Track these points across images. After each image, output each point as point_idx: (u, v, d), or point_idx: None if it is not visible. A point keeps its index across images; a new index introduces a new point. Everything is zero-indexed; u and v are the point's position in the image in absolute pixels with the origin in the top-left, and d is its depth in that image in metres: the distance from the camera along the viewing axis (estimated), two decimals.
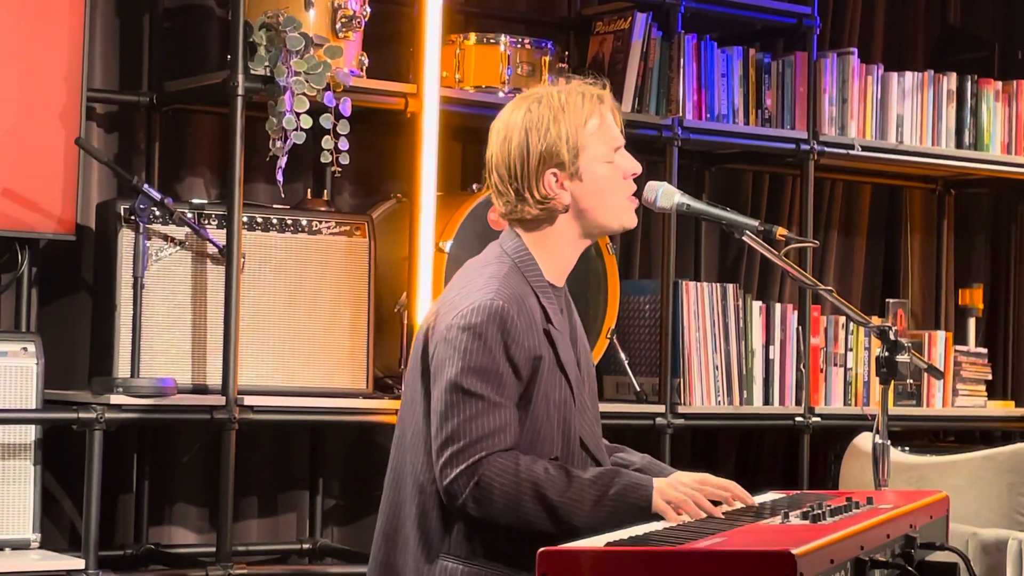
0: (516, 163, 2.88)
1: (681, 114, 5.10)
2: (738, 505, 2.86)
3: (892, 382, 3.18)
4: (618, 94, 5.02)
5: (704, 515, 2.76)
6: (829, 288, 3.19)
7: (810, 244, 3.44)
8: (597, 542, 2.42)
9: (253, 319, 4.43)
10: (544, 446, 2.83)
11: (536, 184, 2.88)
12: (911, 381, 5.64)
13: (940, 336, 5.80)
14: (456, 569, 2.79)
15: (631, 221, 2.97)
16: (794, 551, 2.19)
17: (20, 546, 4.11)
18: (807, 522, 2.58)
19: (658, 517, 2.75)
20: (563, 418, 2.86)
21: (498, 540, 2.79)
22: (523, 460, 2.76)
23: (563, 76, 3.05)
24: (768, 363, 5.30)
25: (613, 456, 3.07)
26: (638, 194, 3.03)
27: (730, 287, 5.24)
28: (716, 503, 2.84)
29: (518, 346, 2.78)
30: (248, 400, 4.33)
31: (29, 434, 4.15)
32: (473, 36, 4.82)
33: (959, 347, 5.88)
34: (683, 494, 2.77)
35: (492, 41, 4.80)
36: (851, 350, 5.53)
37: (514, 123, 2.90)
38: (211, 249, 4.39)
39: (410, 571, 2.83)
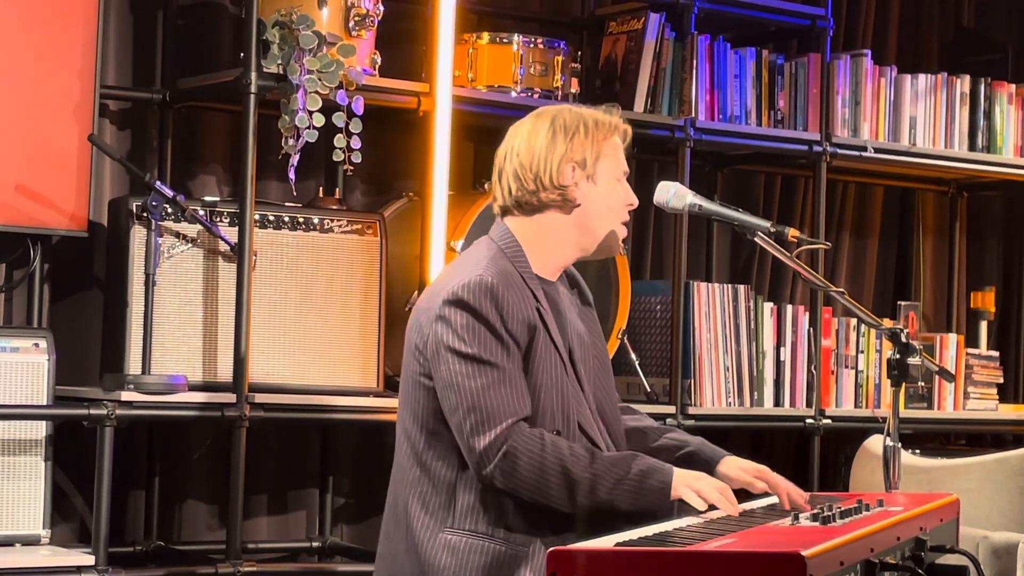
0: (541, 152, 2.99)
1: (694, 115, 5.09)
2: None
3: (903, 384, 3.18)
4: (631, 95, 5.02)
5: (730, 507, 2.80)
6: (841, 290, 3.19)
7: (822, 246, 3.44)
8: (607, 542, 2.42)
9: (264, 317, 4.43)
10: (545, 418, 2.91)
11: (556, 171, 2.98)
12: (922, 384, 5.63)
13: (952, 339, 5.79)
14: (459, 541, 2.86)
15: (615, 251, 3.10)
16: (804, 553, 2.19)
17: (30, 542, 4.12)
18: (817, 524, 2.58)
19: (680, 503, 2.78)
20: (561, 396, 2.93)
21: (501, 514, 2.85)
22: (547, 435, 2.84)
23: (575, 103, 3.17)
24: (779, 365, 5.29)
25: (664, 437, 3.13)
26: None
27: (741, 288, 5.23)
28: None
29: (512, 317, 2.87)
30: (258, 398, 4.33)
31: (40, 430, 4.15)
32: (486, 35, 4.82)
33: (971, 350, 5.87)
34: (709, 485, 2.83)
35: (505, 41, 4.80)
36: (862, 352, 5.52)
37: (543, 123, 3.03)
38: (223, 247, 4.39)
39: (414, 548, 2.89)
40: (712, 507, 2.83)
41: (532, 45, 4.81)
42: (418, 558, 2.86)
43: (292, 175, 4.39)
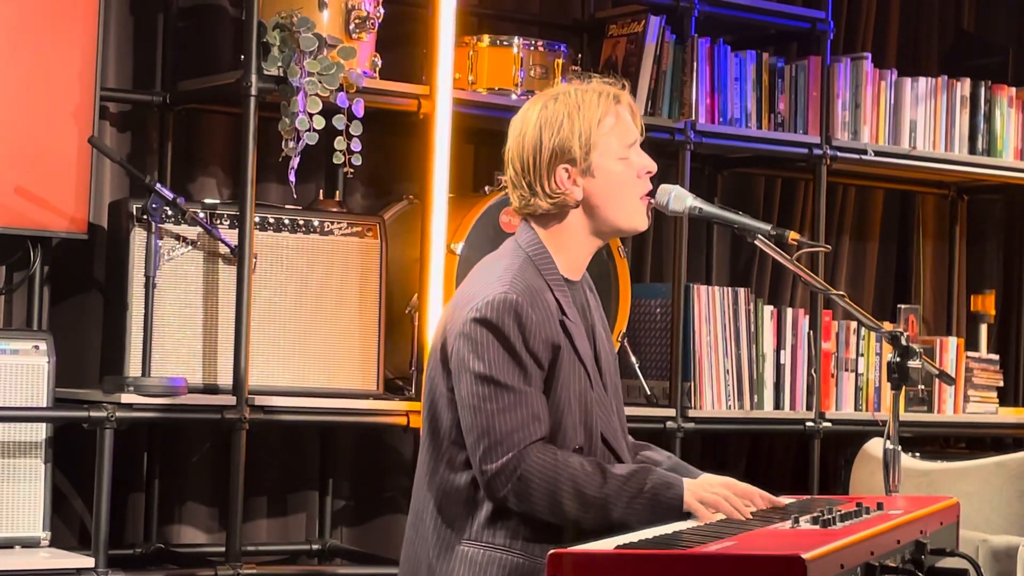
0: (529, 157, 2.91)
1: (694, 117, 5.09)
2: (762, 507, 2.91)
3: (903, 388, 3.18)
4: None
5: (739, 515, 2.79)
6: (841, 293, 3.19)
7: (822, 249, 3.43)
8: (607, 544, 2.42)
9: (264, 319, 4.43)
10: (567, 437, 2.86)
11: (548, 179, 2.91)
12: (922, 387, 5.63)
13: (952, 342, 5.79)
14: (476, 554, 2.83)
15: (642, 223, 2.99)
16: (804, 556, 2.19)
17: (30, 544, 4.12)
18: (817, 527, 2.58)
19: (690, 516, 2.77)
20: (584, 410, 2.89)
21: (519, 526, 2.83)
22: (560, 455, 2.80)
23: (582, 76, 3.08)
24: (779, 368, 5.29)
25: (639, 454, 3.09)
26: (651, 195, 3.04)
27: (741, 291, 5.23)
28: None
29: (535, 337, 2.81)
30: (258, 400, 4.33)
31: (40, 432, 4.15)
32: (486, 38, 4.82)
33: (971, 353, 5.87)
34: (716, 495, 2.81)
35: (505, 43, 4.80)
36: (862, 355, 5.52)
37: (530, 119, 2.93)
38: (223, 249, 4.39)
39: (432, 559, 2.87)
40: None
41: (532, 48, 4.81)
42: (436, 569, 2.85)
43: (292, 178, 4.39)
